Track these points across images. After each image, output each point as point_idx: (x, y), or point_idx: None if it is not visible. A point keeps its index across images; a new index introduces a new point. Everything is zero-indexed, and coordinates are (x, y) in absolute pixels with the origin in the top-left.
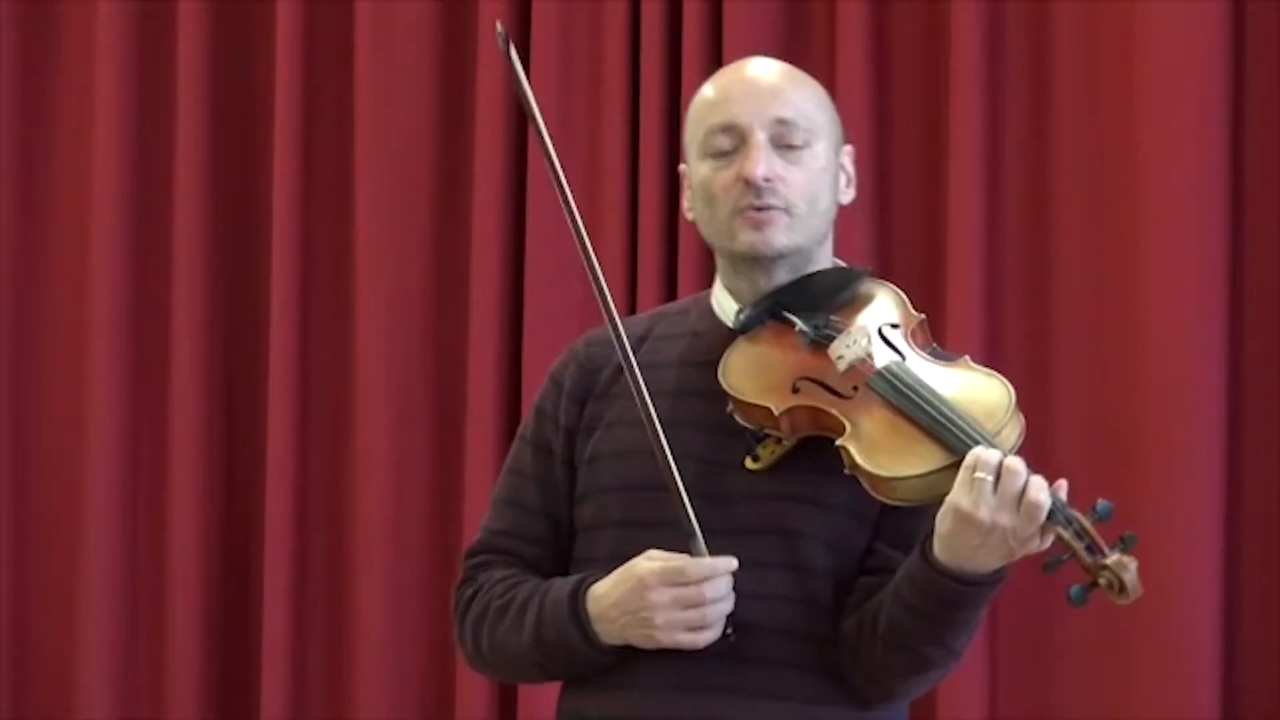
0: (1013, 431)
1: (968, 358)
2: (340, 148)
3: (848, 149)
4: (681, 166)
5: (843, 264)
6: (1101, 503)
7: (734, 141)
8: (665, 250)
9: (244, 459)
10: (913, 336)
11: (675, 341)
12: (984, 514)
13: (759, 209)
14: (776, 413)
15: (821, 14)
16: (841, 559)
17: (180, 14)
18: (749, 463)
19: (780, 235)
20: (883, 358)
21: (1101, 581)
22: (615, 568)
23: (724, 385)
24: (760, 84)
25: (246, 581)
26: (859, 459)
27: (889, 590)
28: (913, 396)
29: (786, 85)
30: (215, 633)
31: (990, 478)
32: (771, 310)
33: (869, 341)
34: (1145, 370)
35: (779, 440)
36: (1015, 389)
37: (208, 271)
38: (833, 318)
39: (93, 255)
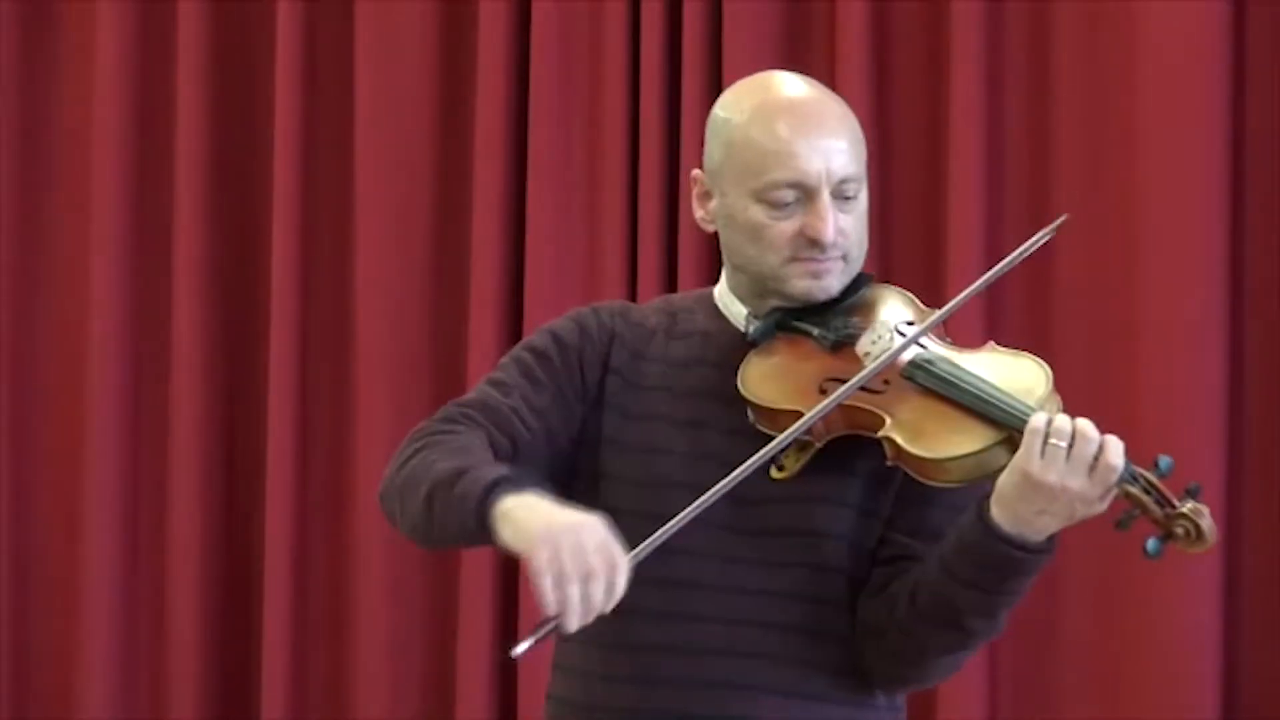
0: (1054, 406)
1: (993, 343)
2: (340, 148)
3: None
4: (697, 173)
5: None
6: (1163, 459)
7: (796, 195)
8: (665, 250)
9: (244, 460)
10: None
11: (688, 341)
12: (1054, 478)
13: (820, 260)
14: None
15: (821, 14)
16: (860, 557)
17: (180, 14)
18: (774, 472)
19: (835, 281)
20: (909, 352)
21: (1179, 531)
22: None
23: (745, 395)
24: (823, 135)
25: (246, 582)
26: (906, 445)
27: (931, 568)
28: (951, 380)
29: (845, 135)
30: (215, 633)
31: (1064, 444)
32: (780, 323)
33: (893, 337)
34: (1145, 370)
35: (803, 450)
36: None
37: (208, 272)
38: (850, 319)
39: (93, 255)
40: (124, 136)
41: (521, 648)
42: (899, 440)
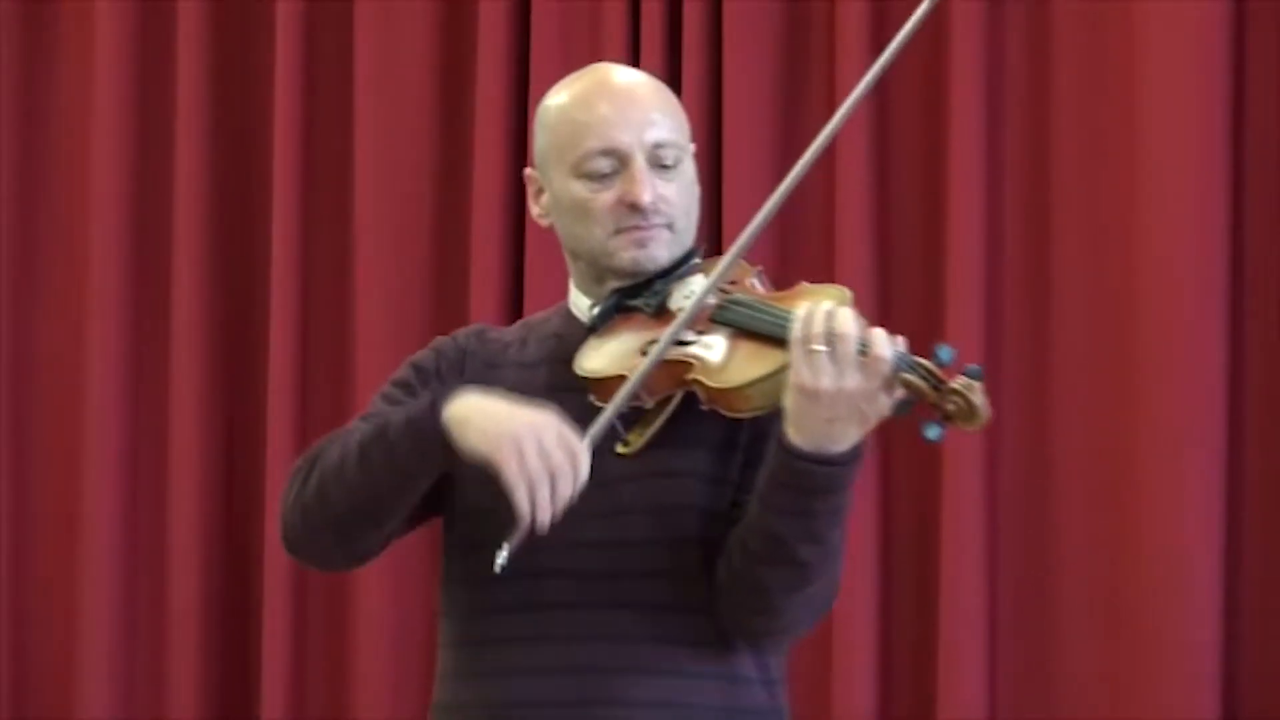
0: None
1: (804, 282)
2: (340, 148)
3: (691, 147)
4: (529, 171)
5: None
6: (944, 348)
7: (612, 165)
8: None
9: (244, 459)
10: (751, 286)
11: (541, 344)
12: (827, 383)
13: (644, 228)
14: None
15: (821, 14)
16: (715, 525)
17: (180, 14)
18: (620, 448)
19: (663, 250)
20: (714, 297)
21: (950, 408)
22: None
23: (578, 374)
24: (635, 106)
25: (246, 582)
26: (708, 381)
27: (752, 510)
28: (749, 313)
29: (657, 104)
30: (215, 633)
31: (824, 347)
32: (617, 304)
33: (703, 289)
34: (1145, 370)
35: (645, 425)
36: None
37: (208, 271)
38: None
39: (92, 255)
40: (124, 137)
41: (502, 557)
42: (703, 379)
